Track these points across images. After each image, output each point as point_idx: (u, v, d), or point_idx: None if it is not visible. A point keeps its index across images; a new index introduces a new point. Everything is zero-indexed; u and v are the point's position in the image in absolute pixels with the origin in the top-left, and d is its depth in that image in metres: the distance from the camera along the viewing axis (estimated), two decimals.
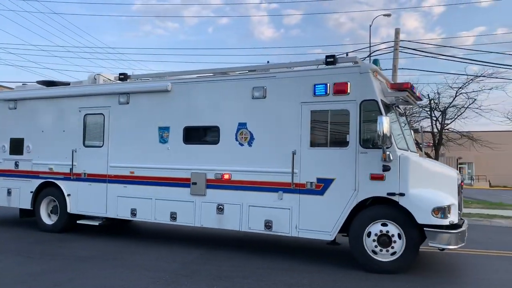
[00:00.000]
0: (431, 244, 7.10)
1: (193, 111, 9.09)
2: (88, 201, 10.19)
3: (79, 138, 10.39)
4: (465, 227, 7.40)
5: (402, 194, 7.19)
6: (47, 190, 10.82)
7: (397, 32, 21.80)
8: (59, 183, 10.57)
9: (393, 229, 7.31)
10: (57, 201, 10.64)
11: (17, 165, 11.23)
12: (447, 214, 7.04)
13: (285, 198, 8.08)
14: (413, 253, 7.25)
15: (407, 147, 8.16)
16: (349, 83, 7.64)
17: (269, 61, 9.49)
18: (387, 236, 7.33)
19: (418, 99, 8.82)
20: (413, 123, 25.32)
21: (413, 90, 8.08)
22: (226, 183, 8.65)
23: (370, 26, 29.31)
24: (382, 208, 7.46)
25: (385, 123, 7.06)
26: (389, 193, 7.28)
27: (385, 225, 7.36)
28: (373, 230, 7.42)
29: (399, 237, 7.27)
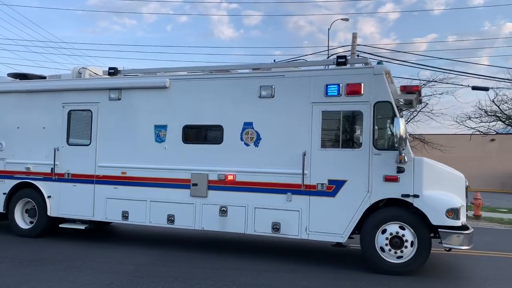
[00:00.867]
0: (445, 245, 7.19)
1: (194, 109, 8.72)
2: (72, 203, 9.51)
3: (62, 135, 9.69)
4: (472, 229, 7.57)
5: (416, 195, 7.24)
6: (23, 191, 10.00)
7: (354, 36, 22.34)
8: (38, 184, 9.80)
9: (405, 231, 7.33)
10: (35, 204, 9.86)
11: None
12: (460, 215, 7.17)
13: (294, 199, 7.91)
14: (425, 255, 7.31)
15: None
16: (362, 84, 7.61)
17: (275, 60, 9.28)
18: (399, 238, 7.35)
19: (419, 102, 8.97)
20: None
21: (420, 93, 8.20)
22: (230, 184, 8.35)
23: (328, 29, 29.70)
24: (394, 209, 7.48)
25: (401, 125, 7.09)
26: (403, 195, 7.31)
27: (397, 227, 7.38)
28: (385, 231, 7.41)
29: (411, 239, 7.30)
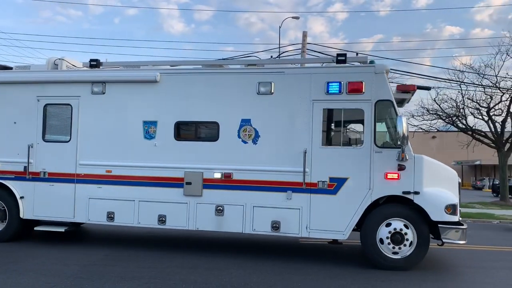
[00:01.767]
0: (444, 240, 7.42)
1: (187, 105, 8.38)
2: (49, 204, 8.84)
3: (37, 131, 8.98)
4: (466, 225, 7.86)
5: (417, 192, 7.42)
6: None
7: (305, 35, 22.50)
8: (8, 183, 9.03)
9: (405, 227, 7.49)
10: (5, 205, 9.07)
11: None
12: (457, 211, 7.43)
13: (295, 198, 7.84)
14: (424, 250, 7.50)
15: None
16: (364, 82, 7.66)
17: (272, 56, 9.12)
18: (400, 233, 7.49)
19: (408, 101, 9.20)
20: None
21: (414, 92, 8.40)
22: (227, 183, 8.13)
23: (279, 27, 29.92)
24: (394, 206, 7.62)
25: (404, 123, 7.22)
26: (404, 192, 7.46)
27: (398, 223, 7.51)
28: (386, 228, 7.53)
29: (411, 235, 7.47)
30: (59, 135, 8.97)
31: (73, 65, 9.42)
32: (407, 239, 7.45)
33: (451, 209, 7.36)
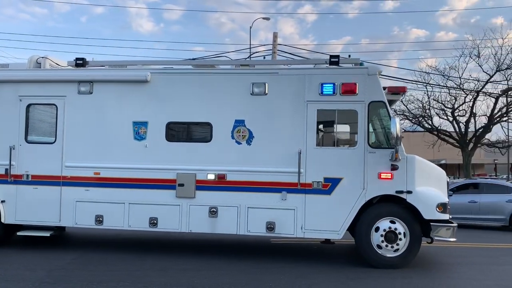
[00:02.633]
0: (436, 237, 7.62)
1: (179, 105, 8.26)
2: (32, 208, 8.49)
3: (19, 132, 8.62)
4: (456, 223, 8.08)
5: (409, 191, 7.58)
6: None
7: (275, 36, 22.59)
8: None
9: (399, 226, 7.63)
10: None
11: None
12: (447, 209, 7.65)
13: (289, 198, 7.86)
14: (416, 248, 7.67)
15: None
16: (357, 83, 7.77)
17: (265, 57, 9.10)
18: (393, 232, 7.63)
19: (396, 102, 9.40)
20: None
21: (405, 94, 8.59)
22: (220, 184, 8.06)
23: (250, 28, 29.72)
24: (388, 205, 7.76)
25: (397, 124, 7.37)
26: (397, 191, 7.62)
27: (391, 222, 7.65)
28: (380, 227, 7.65)
29: (404, 233, 7.62)
30: (43, 136, 8.65)
31: (57, 63, 9.10)
32: (400, 238, 7.60)
33: (442, 207, 7.57)
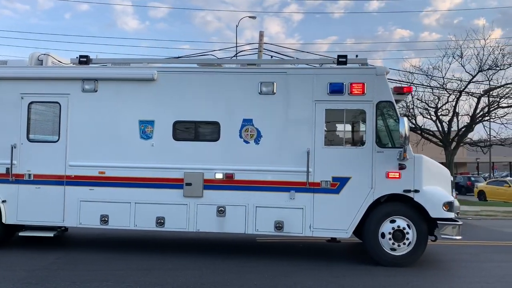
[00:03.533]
0: (442, 236, 7.74)
1: (186, 104, 8.21)
2: (35, 208, 8.33)
3: (20, 130, 8.43)
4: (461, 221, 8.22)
5: (416, 190, 7.69)
6: None
7: (261, 34, 22.40)
8: None
9: (406, 225, 7.73)
10: None
11: None
12: (453, 208, 7.79)
13: (298, 197, 7.89)
14: (423, 246, 7.79)
15: None
16: (365, 83, 7.84)
17: (272, 57, 9.08)
18: (401, 231, 7.72)
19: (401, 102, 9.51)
20: None
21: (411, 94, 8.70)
22: (228, 183, 8.04)
23: (236, 26, 29.51)
24: (395, 204, 7.85)
25: (406, 124, 7.47)
26: (405, 190, 7.71)
27: (399, 220, 7.74)
28: (388, 225, 7.74)
29: (411, 232, 7.72)
30: (46, 135, 8.49)
31: (59, 61, 8.93)
32: (407, 237, 7.70)
33: (448, 206, 7.69)
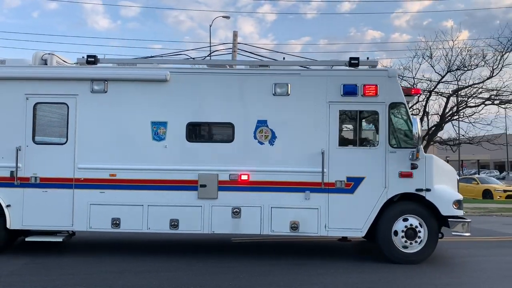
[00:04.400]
0: (453, 232, 7.97)
1: (199, 105, 8.15)
2: (41, 212, 8.07)
3: (25, 132, 8.16)
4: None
5: (428, 189, 7.90)
6: None
7: (235, 34, 22.17)
8: None
9: (418, 223, 7.93)
10: None
11: None
12: (462, 205, 8.05)
13: (313, 198, 7.97)
14: (434, 244, 8.00)
15: None
16: (378, 85, 8.00)
17: (284, 58, 9.10)
18: (413, 229, 7.92)
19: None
20: None
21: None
22: (243, 184, 8.03)
23: (210, 26, 29.17)
24: (407, 203, 8.04)
25: (419, 125, 7.69)
26: (417, 189, 7.91)
27: (411, 219, 7.93)
28: (401, 224, 7.92)
29: (423, 230, 7.93)
30: (52, 137, 8.25)
31: (64, 61, 8.70)
32: (419, 236, 7.90)
33: (458, 204, 7.95)
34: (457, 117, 29.65)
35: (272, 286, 6.52)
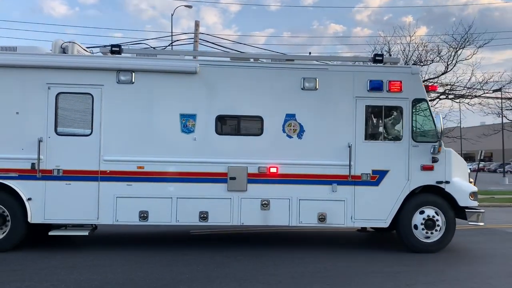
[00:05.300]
0: (470, 222, 8.44)
1: (228, 98, 8.16)
2: (65, 205, 7.85)
3: (47, 123, 7.88)
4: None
5: (447, 182, 8.32)
6: None
7: (197, 24, 21.45)
8: (10, 183, 7.79)
9: (435, 213, 8.33)
10: (6, 209, 7.82)
11: None
12: (477, 197, 8.53)
13: (339, 190, 8.19)
14: (451, 233, 8.42)
15: None
16: (402, 81, 8.30)
17: (310, 53, 9.20)
18: (432, 220, 8.32)
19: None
20: None
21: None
22: (272, 177, 8.14)
23: (172, 15, 28.76)
24: (427, 195, 8.42)
25: (441, 121, 8.06)
26: (437, 181, 8.31)
27: (430, 210, 8.32)
28: (421, 215, 8.30)
29: (441, 220, 8.34)
30: (76, 128, 8.01)
31: (84, 49, 8.43)
32: (438, 225, 8.31)
33: (474, 195, 8.43)
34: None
35: (228, 277, 6.52)
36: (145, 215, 7.95)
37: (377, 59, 8.50)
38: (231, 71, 8.23)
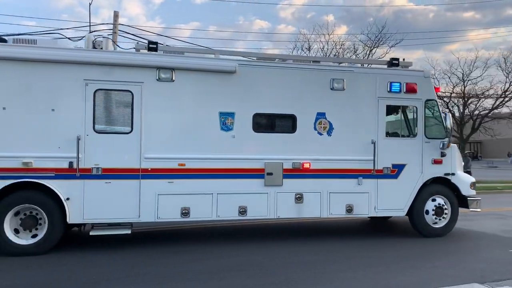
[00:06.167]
0: (471, 209, 9.55)
1: (264, 97, 8.48)
2: (105, 204, 7.74)
3: (85, 121, 7.68)
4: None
5: (453, 174, 9.37)
6: (16, 195, 7.45)
7: (116, 15, 20.40)
8: (47, 183, 7.51)
9: (444, 201, 9.36)
10: (42, 210, 7.52)
11: None
12: (475, 187, 9.68)
13: (364, 183, 8.90)
14: (455, 219, 9.49)
15: None
16: (417, 84, 9.16)
17: (335, 55, 9.65)
18: (441, 207, 9.33)
19: None
20: None
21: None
22: (305, 172, 8.62)
23: (90, 4, 27.42)
24: (436, 186, 9.40)
25: (450, 119, 9.07)
26: (445, 174, 9.32)
27: (439, 199, 9.33)
28: (431, 203, 9.27)
29: (448, 208, 9.38)
30: (115, 126, 7.88)
31: (117, 45, 8.26)
32: (445, 212, 9.34)
33: (473, 185, 9.57)
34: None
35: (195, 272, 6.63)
36: (187, 211, 8.06)
37: (394, 62, 9.28)
38: (267, 71, 8.55)
